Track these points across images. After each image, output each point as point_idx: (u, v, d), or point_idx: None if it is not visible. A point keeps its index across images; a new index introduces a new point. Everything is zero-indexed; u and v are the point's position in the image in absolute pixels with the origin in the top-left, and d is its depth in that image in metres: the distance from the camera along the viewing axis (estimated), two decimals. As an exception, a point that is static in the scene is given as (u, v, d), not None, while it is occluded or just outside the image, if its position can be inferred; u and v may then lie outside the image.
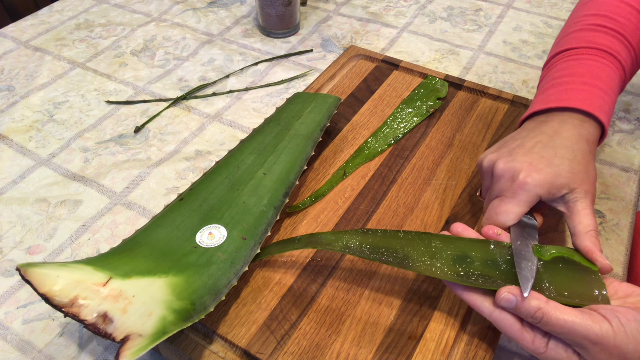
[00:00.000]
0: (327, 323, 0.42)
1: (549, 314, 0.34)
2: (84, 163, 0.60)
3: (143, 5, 0.87)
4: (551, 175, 0.41)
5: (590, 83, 0.47)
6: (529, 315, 0.35)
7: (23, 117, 0.66)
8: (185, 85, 0.71)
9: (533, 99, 0.50)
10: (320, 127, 0.55)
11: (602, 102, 0.46)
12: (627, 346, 0.33)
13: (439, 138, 0.58)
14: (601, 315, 0.34)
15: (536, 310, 0.35)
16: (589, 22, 0.52)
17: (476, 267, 0.39)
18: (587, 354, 0.34)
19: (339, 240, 0.42)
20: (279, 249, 0.44)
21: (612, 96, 0.47)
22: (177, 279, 0.39)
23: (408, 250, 0.41)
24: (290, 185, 0.48)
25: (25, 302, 0.47)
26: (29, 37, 0.80)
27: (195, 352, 0.40)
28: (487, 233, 0.42)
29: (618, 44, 0.49)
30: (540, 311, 0.35)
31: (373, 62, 0.69)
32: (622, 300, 0.37)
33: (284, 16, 0.77)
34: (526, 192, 0.42)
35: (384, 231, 0.42)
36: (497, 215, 0.42)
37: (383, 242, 0.42)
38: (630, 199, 0.55)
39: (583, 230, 0.41)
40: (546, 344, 0.36)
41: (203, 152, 0.61)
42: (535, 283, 0.37)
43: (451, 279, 0.39)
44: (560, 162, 0.42)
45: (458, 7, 0.86)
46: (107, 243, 0.52)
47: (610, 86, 0.47)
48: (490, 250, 0.40)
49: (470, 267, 0.39)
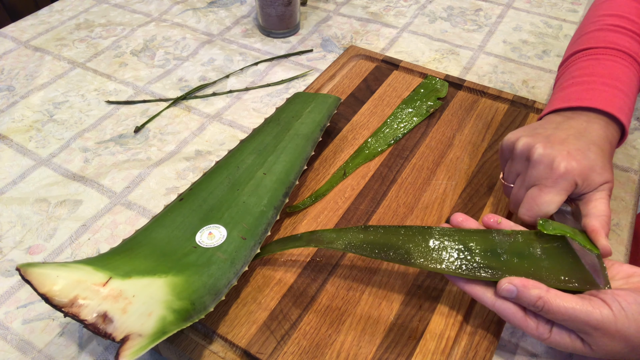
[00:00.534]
0: (327, 323, 0.42)
1: (550, 302, 0.35)
2: (84, 163, 0.60)
3: (143, 5, 0.87)
4: (587, 168, 0.42)
5: (611, 84, 0.47)
6: (530, 304, 0.36)
7: (23, 117, 0.66)
8: (185, 85, 0.71)
9: (552, 95, 0.51)
10: (320, 127, 0.55)
11: (623, 104, 0.46)
12: (628, 329, 0.34)
13: (439, 138, 0.58)
14: (601, 301, 0.35)
15: (537, 299, 0.35)
16: (607, 23, 0.52)
17: (477, 259, 0.39)
18: (590, 338, 0.35)
19: (340, 237, 0.42)
20: (280, 246, 0.44)
21: (632, 98, 0.47)
22: (177, 279, 0.39)
23: (409, 246, 0.41)
24: (290, 185, 0.48)
25: (25, 302, 0.47)
26: (29, 37, 0.80)
27: (195, 352, 0.40)
28: (487, 222, 0.42)
29: (637, 45, 0.50)
30: (541, 300, 0.35)
31: (373, 62, 0.69)
32: (624, 280, 0.38)
33: (284, 16, 0.77)
34: (567, 181, 0.42)
35: (385, 228, 0.42)
36: (539, 205, 0.42)
37: (384, 238, 0.41)
38: (630, 199, 0.55)
39: (596, 214, 0.41)
40: (550, 330, 0.36)
41: (203, 152, 0.61)
42: (535, 269, 0.38)
43: (453, 273, 0.39)
44: (594, 156, 0.43)
45: (458, 7, 0.86)
46: (107, 243, 0.52)
47: (630, 88, 0.47)
48: (490, 241, 0.40)
49: (472, 259, 0.39)
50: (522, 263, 0.39)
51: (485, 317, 0.42)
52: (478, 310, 0.42)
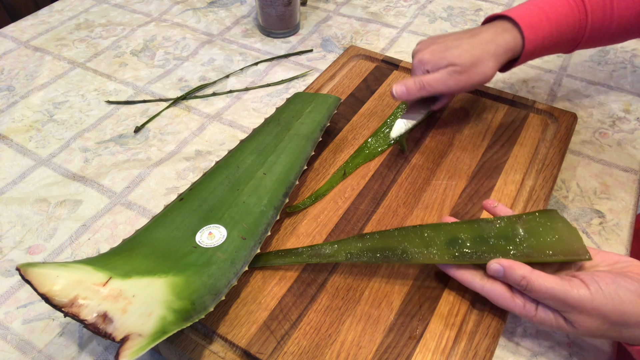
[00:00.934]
0: (327, 323, 0.42)
1: (533, 282, 0.38)
2: (84, 163, 0.60)
3: (143, 5, 0.87)
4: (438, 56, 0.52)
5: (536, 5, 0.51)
6: (516, 283, 0.39)
7: (23, 117, 0.66)
8: (185, 85, 0.71)
9: None
10: (320, 127, 0.55)
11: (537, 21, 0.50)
12: (605, 307, 0.36)
13: (439, 138, 0.58)
14: (581, 281, 0.37)
15: (521, 279, 0.38)
16: None
17: (467, 246, 0.42)
18: (570, 316, 0.37)
19: (340, 250, 0.44)
20: (280, 259, 0.45)
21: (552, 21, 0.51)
22: (177, 279, 0.39)
23: (405, 245, 0.43)
24: (290, 185, 0.48)
25: (25, 302, 0.47)
26: (29, 37, 0.80)
27: (195, 352, 0.40)
28: (486, 205, 0.46)
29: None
30: (525, 279, 0.38)
31: (373, 62, 0.69)
32: (610, 267, 0.40)
33: (284, 16, 0.77)
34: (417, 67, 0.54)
35: (380, 233, 0.44)
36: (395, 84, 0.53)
37: (381, 243, 0.43)
38: (630, 199, 0.55)
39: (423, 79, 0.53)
40: (535, 309, 0.39)
41: (203, 152, 0.61)
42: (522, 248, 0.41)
43: (448, 261, 0.41)
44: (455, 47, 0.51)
45: (458, 7, 0.86)
46: (107, 243, 0.52)
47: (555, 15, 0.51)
48: (478, 229, 0.43)
49: (463, 247, 0.42)
50: (508, 244, 0.42)
51: (485, 317, 0.42)
52: (478, 310, 0.42)
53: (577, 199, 0.55)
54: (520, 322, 0.45)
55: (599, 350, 0.43)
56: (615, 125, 0.64)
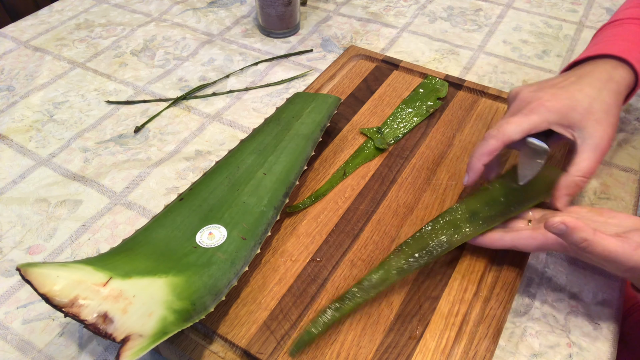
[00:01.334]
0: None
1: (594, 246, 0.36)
2: (84, 163, 0.60)
3: (143, 5, 0.87)
4: (567, 107, 0.43)
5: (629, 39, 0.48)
6: (575, 244, 0.37)
7: (23, 117, 0.66)
8: (185, 85, 0.71)
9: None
10: (320, 127, 0.55)
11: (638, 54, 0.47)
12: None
13: (439, 138, 0.58)
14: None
15: (582, 241, 0.37)
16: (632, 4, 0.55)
17: (486, 211, 0.45)
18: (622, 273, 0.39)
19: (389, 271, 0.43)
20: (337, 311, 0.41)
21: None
22: (178, 279, 0.39)
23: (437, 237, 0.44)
24: (290, 185, 0.48)
25: (25, 302, 0.47)
26: (29, 37, 0.80)
27: (195, 352, 0.40)
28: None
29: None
30: (586, 242, 0.37)
31: (373, 62, 0.69)
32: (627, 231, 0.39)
33: (284, 16, 0.77)
34: (538, 114, 0.43)
35: (412, 238, 0.45)
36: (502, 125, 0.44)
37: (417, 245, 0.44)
38: (630, 199, 0.55)
39: (572, 172, 0.43)
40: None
41: (203, 152, 0.61)
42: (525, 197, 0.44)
43: (481, 231, 0.44)
44: (582, 97, 0.43)
45: (458, 7, 0.86)
46: (107, 243, 0.52)
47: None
48: (486, 196, 0.46)
49: (483, 213, 0.45)
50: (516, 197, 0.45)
51: (485, 317, 0.42)
52: (478, 310, 0.42)
53: (577, 199, 0.55)
54: (520, 322, 0.45)
55: (599, 350, 0.43)
56: (615, 125, 0.64)
